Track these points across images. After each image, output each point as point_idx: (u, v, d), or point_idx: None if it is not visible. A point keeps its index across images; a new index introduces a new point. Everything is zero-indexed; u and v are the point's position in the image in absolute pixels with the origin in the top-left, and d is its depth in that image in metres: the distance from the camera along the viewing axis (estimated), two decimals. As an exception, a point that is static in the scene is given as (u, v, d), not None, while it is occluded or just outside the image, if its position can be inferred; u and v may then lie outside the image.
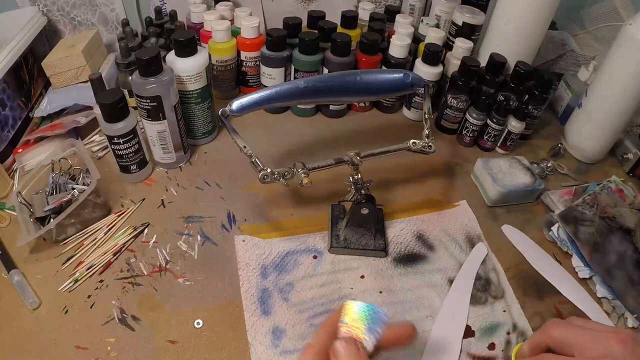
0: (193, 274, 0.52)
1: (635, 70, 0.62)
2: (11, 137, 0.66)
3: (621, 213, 0.59)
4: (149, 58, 0.54)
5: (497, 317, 0.51)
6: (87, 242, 0.54)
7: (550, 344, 0.34)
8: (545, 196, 0.66)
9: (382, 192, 0.64)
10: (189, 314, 0.48)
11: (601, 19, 0.92)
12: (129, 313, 0.48)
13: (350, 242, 0.56)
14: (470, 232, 0.60)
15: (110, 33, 0.89)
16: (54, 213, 0.54)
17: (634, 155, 0.72)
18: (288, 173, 0.49)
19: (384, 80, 0.55)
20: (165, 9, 0.86)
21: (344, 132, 0.76)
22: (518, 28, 0.72)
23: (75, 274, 0.51)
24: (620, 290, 0.53)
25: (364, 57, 0.74)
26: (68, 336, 0.45)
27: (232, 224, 0.58)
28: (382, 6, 0.94)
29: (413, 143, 0.57)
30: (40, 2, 0.81)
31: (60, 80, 0.73)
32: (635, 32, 0.61)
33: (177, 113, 0.60)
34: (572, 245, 0.58)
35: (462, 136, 0.75)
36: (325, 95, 0.53)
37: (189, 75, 0.61)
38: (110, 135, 0.56)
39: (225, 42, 0.73)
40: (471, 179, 0.69)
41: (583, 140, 0.73)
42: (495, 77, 0.71)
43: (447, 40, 0.81)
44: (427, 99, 0.58)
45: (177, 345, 0.46)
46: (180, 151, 0.65)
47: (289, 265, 0.54)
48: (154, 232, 0.56)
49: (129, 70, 0.70)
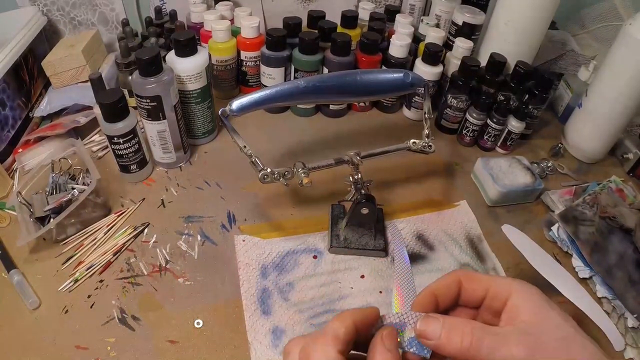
0: (193, 274, 0.52)
1: (635, 70, 0.62)
2: (11, 137, 0.66)
3: (621, 213, 0.59)
4: (149, 58, 0.54)
5: (497, 317, 0.51)
6: (87, 242, 0.54)
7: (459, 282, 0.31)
8: (545, 196, 0.66)
9: (382, 192, 0.64)
10: (189, 314, 0.48)
11: (601, 19, 0.92)
12: (129, 313, 0.48)
13: (350, 242, 0.56)
14: (470, 232, 0.60)
15: (110, 33, 0.89)
16: (54, 213, 0.54)
17: (634, 155, 0.72)
18: (288, 173, 0.49)
19: (384, 80, 0.55)
20: (165, 8, 0.86)
21: (344, 132, 0.76)
22: (518, 28, 0.72)
23: (75, 274, 0.51)
24: (620, 290, 0.53)
25: (364, 57, 0.74)
26: (68, 336, 0.45)
27: (232, 223, 0.58)
28: (382, 6, 0.94)
29: (413, 143, 0.57)
30: (40, 2, 0.81)
31: (60, 80, 0.73)
32: (635, 32, 0.61)
33: (177, 113, 0.60)
34: (572, 245, 0.58)
35: (462, 136, 0.75)
36: (325, 95, 0.53)
37: (189, 75, 0.61)
38: (110, 135, 0.56)
39: (225, 42, 0.73)
40: (471, 179, 0.69)
41: (583, 140, 0.73)
42: (495, 77, 0.71)
43: (447, 40, 0.81)
44: (427, 98, 0.58)
45: (177, 345, 0.46)
46: (180, 151, 0.65)
47: (289, 265, 0.54)
48: (154, 232, 0.56)
49: (129, 70, 0.70)
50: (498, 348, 0.25)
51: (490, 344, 0.25)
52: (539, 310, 0.27)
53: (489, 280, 0.30)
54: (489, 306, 0.29)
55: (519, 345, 0.25)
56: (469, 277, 0.30)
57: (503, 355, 0.25)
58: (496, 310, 0.29)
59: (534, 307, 0.27)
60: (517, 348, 0.25)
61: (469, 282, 0.30)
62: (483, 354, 0.25)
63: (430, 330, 0.27)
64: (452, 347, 0.26)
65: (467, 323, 0.27)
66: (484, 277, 0.30)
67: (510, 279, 0.29)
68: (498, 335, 0.26)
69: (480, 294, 0.30)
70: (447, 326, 0.27)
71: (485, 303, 0.30)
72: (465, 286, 0.30)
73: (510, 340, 0.25)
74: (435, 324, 0.27)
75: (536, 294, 0.28)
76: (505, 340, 0.25)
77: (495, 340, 0.26)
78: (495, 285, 0.29)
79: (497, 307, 0.28)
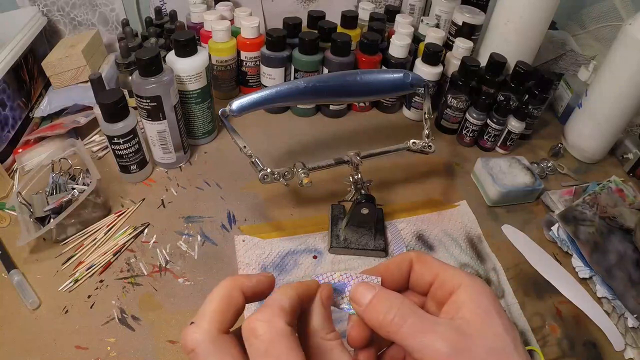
0: (193, 274, 0.52)
1: (635, 70, 0.62)
2: (11, 137, 0.66)
3: (621, 213, 0.59)
4: (149, 58, 0.54)
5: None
6: (87, 242, 0.54)
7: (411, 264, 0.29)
8: (545, 196, 0.66)
9: (382, 192, 0.64)
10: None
11: (601, 19, 0.92)
12: (129, 313, 0.48)
13: (350, 242, 0.56)
14: (470, 232, 0.60)
15: (110, 33, 0.89)
16: (54, 213, 0.54)
17: (634, 155, 0.72)
18: (288, 173, 0.49)
19: (384, 80, 0.55)
20: (165, 9, 0.86)
21: (344, 132, 0.76)
22: (518, 28, 0.72)
23: (75, 274, 0.51)
24: (620, 290, 0.53)
25: (364, 57, 0.74)
26: (68, 336, 0.45)
27: (232, 224, 0.58)
28: (382, 6, 0.94)
29: (413, 143, 0.57)
30: (40, 2, 0.81)
31: (60, 80, 0.73)
32: (635, 32, 0.61)
33: (177, 113, 0.60)
34: (572, 245, 0.58)
35: (462, 136, 0.75)
36: (325, 95, 0.53)
37: (189, 75, 0.61)
38: (110, 135, 0.56)
39: (225, 42, 0.73)
40: (471, 179, 0.69)
41: (583, 140, 0.73)
42: (495, 77, 0.71)
43: (447, 40, 0.81)
44: (427, 99, 0.58)
45: (177, 345, 0.46)
46: (180, 151, 0.65)
47: (289, 265, 0.54)
48: (154, 232, 0.56)
49: (129, 70, 0.70)
50: (420, 334, 0.23)
51: (414, 326, 0.24)
52: (482, 312, 0.24)
53: (439, 267, 0.28)
54: (434, 295, 0.28)
55: (445, 340, 0.23)
56: (421, 260, 0.28)
57: (423, 343, 0.23)
58: (440, 300, 0.27)
59: (478, 307, 0.24)
60: (441, 342, 0.23)
61: (420, 265, 0.28)
62: (402, 334, 0.24)
63: (360, 295, 0.26)
64: (374, 317, 0.25)
65: (398, 298, 0.25)
66: (436, 262, 0.28)
67: (463, 272, 0.27)
68: (426, 321, 0.24)
69: (427, 279, 0.28)
70: (377, 295, 0.25)
71: (431, 290, 0.28)
72: (415, 268, 0.29)
73: (438, 330, 0.23)
74: (367, 290, 0.26)
75: (486, 294, 0.25)
76: (431, 329, 0.23)
77: (421, 324, 0.24)
78: (444, 273, 0.27)
79: (441, 297, 0.27)
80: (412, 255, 0.29)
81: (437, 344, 0.23)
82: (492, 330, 0.23)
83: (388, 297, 0.25)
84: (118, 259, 0.53)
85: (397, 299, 0.25)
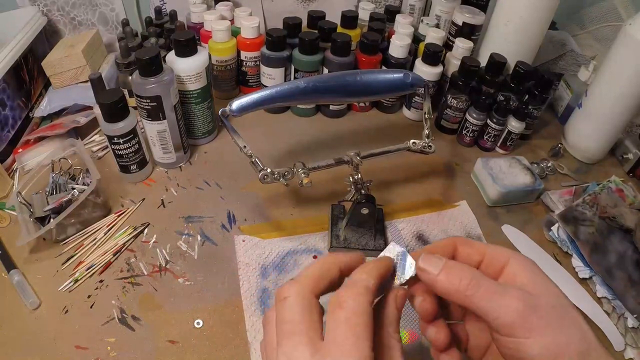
0: (193, 274, 0.52)
1: (635, 70, 0.62)
2: (11, 137, 0.66)
3: (621, 213, 0.59)
4: (149, 58, 0.54)
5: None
6: (87, 242, 0.54)
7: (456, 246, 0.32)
8: (545, 196, 0.66)
9: (382, 192, 0.64)
10: (189, 314, 0.48)
11: (601, 19, 0.92)
12: (129, 313, 0.48)
13: (350, 242, 0.56)
14: (470, 232, 0.60)
15: (110, 33, 0.89)
16: (54, 213, 0.54)
17: (634, 155, 0.72)
18: (288, 173, 0.49)
19: (384, 80, 0.55)
20: (165, 9, 0.86)
21: (344, 132, 0.76)
22: (518, 28, 0.72)
23: (75, 274, 0.51)
24: (620, 291, 0.53)
25: (364, 57, 0.74)
26: (68, 336, 0.45)
27: (232, 224, 0.58)
28: (382, 6, 0.94)
29: (413, 143, 0.57)
30: (40, 2, 0.81)
31: (60, 80, 0.73)
32: (635, 32, 0.61)
33: (177, 113, 0.60)
34: (572, 245, 0.58)
35: (462, 136, 0.75)
36: (325, 95, 0.53)
37: (189, 75, 0.61)
38: (110, 135, 0.56)
39: (225, 42, 0.73)
40: (471, 179, 0.69)
41: (583, 140, 0.73)
42: (495, 77, 0.71)
43: (447, 40, 0.81)
44: (427, 99, 0.58)
45: (177, 345, 0.46)
46: (180, 151, 0.65)
47: (289, 265, 0.54)
48: (154, 232, 0.56)
49: (129, 70, 0.70)
50: (496, 295, 0.26)
51: (488, 290, 0.26)
52: (537, 278, 0.27)
53: (485, 247, 0.30)
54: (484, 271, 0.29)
55: (517, 299, 0.25)
56: (465, 242, 0.31)
57: (499, 303, 0.25)
58: (492, 275, 0.29)
59: (532, 274, 0.28)
60: (514, 300, 0.25)
61: (466, 247, 0.31)
62: (478, 298, 0.26)
63: (431, 264, 0.28)
64: (449, 285, 0.27)
65: (468, 267, 0.28)
66: (480, 244, 0.31)
67: (506, 249, 0.30)
68: (498, 286, 0.26)
69: (476, 258, 0.30)
70: (448, 265, 0.28)
71: (480, 268, 0.30)
72: (460, 250, 0.31)
73: (509, 292, 0.26)
74: (437, 261, 0.28)
75: (534, 264, 0.28)
76: (504, 291, 0.26)
77: (494, 288, 0.26)
78: (492, 252, 0.30)
79: (492, 273, 0.29)
80: (456, 240, 0.31)
81: (513, 303, 0.25)
82: (550, 290, 0.27)
83: (459, 266, 0.28)
84: (118, 259, 0.53)
85: (468, 268, 0.27)
